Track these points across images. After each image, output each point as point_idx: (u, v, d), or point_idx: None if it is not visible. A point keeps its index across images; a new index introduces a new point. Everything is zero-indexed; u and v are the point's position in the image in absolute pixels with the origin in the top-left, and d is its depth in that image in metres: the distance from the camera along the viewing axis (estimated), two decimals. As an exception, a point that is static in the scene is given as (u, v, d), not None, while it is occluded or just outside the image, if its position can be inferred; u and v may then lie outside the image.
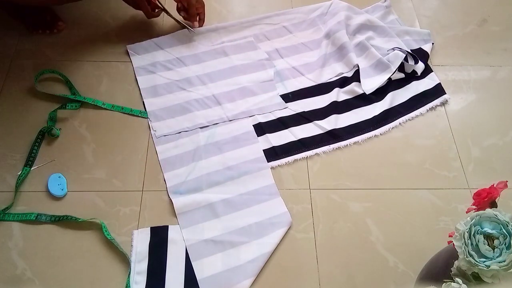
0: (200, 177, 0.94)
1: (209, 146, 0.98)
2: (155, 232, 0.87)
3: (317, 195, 0.93)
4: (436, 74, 1.11)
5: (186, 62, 1.10)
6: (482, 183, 0.82)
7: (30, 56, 1.09)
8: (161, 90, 1.06)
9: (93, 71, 1.08)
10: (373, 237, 0.89)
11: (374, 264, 0.86)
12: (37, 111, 1.00)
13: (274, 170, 0.96)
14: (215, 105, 1.04)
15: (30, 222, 0.88)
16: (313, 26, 1.20)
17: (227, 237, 0.87)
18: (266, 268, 0.85)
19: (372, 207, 0.92)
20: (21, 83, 1.04)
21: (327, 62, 1.12)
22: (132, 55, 1.11)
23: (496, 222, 0.57)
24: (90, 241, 0.86)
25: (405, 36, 1.17)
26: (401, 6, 1.26)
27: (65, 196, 0.91)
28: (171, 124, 1.01)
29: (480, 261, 0.55)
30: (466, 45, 1.18)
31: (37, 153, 0.95)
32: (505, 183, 0.63)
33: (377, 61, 1.10)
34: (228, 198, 0.91)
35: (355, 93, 1.07)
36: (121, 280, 0.83)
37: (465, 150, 1.01)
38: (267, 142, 0.99)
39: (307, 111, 1.04)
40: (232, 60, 1.12)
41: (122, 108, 1.02)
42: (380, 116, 1.04)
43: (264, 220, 0.89)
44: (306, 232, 0.89)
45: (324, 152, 0.99)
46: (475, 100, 1.09)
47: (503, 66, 1.15)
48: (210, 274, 0.83)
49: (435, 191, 0.95)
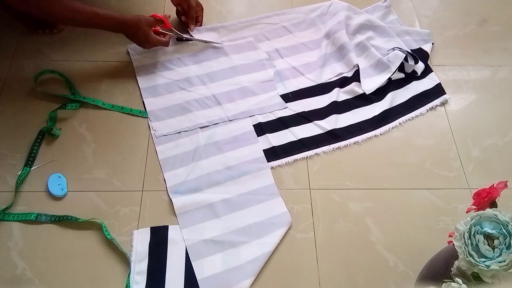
0: (200, 177, 0.94)
1: (209, 146, 0.98)
2: (155, 232, 0.87)
3: (317, 195, 0.93)
4: (436, 74, 1.11)
5: (186, 62, 1.10)
6: (482, 183, 0.82)
7: (30, 56, 1.09)
8: (161, 90, 1.06)
9: (93, 71, 1.08)
10: (373, 237, 0.89)
11: (374, 264, 0.86)
12: (37, 111, 1.00)
13: (274, 170, 0.96)
14: (215, 105, 1.04)
15: (30, 222, 0.88)
16: (313, 26, 1.20)
17: (227, 237, 0.87)
18: (266, 268, 0.85)
19: (372, 207, 0.92)
20: (21, 83, 1.04)
21: (327, 62, 1.12)
22: (132, 55, 1.11)
23: (496, 222, 0.57)
24: (90, 241, 0.86)
25: (405, 36, 1.17)
26: (401, 6, 1.26)
27: (65, 196, 0.91)
28: (171, 124, 1.01)
29: (480, 261, 0.55)
30: (466, 45, 1.18)
31: (37, 153, 0.95)
32: (505, 183, 0.63)
33: (377, 61, 1.10)
34: (228, 198, 0.91)
35: (355, 93, 1.07)
36: (121, 280, 0.83)
37: (465, 150, 1.01)
38: (267, 142, 0.99)
39: (307, 111, 1.04)
40: (232, 60, 1.12)
41: (122, 108, 1.02)
42: (380, 116, 1.04)
43: (264, 220, 0.89)
44: (306, 232, 0.89)
45: (324, 152, 0.99)
46: (475, 100, 1.09)
47: (503, 66, 1.15)
48: (210, 274, 0.83)
49: (435, 191, 0.95)
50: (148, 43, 1.05)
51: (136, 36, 1.03)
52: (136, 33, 1.02)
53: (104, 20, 0.98)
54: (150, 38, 1.04)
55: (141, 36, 1.03)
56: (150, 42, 1.05)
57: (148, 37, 1.03)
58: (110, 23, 0.99)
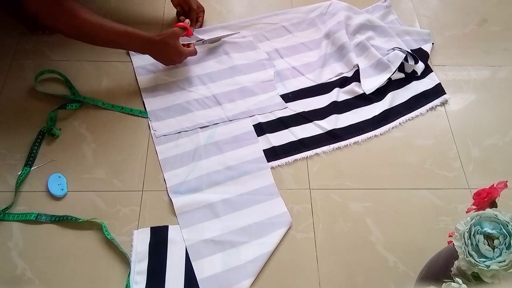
0: (200, 177, 0.94)
1: (209, 146, 0.98)
2: (155, 232, 0.87)
3: (317, 195, 0.93)
4: (436, 74, 1.11)
5: (186, 62, 1.10)
6: (482, 183, 0.82)
7: (30, 56, 1.09)
8: (161, 90, 1.06)
9: (93, 71, 1.08)
10: (373, 237, 0.89)
11: (374, 264, 0.86)
12: (37, 111, 1.00)
13: (274, 170, 0.96)
14: (215, 105, 1.04)
15: (30, 222, 0.88)
16: (313, 26, 1.20)
17: (227, 237, 0.87)
18: (266, 268, 0.85)
19: (372, 207, 0.92)
20: (21, 83, 1.04)
21: (327, 62, 1.12)
22: (132, 55, 1.11)
23: (496, 222, 0.57)
24: (90, 241, 0.86)
25: (405, 36, 1.17)
26: (401, 6, 1.26)
27: (65, 196, 0.91)
28: (171, 124, 1.01)
29: (480, 261, 0.55)
30: (466, 45, 1.18)
31: (37, 153, 0.95)
32: (505, 183, 0.63)
33: (377, 61, 1.10)
34: (228, 198, 0.91)
35: (355, 93, 1.07)
36: (121, 280, 0.83)
37: (465, 150, 1.01)
38: (267, 142, 0.99)
39: (307, 111, 1.04)
40: (232, 60, 1.12)
41: (122, 108, 1.02)
42: (380, 116, 1.04)
43: (264, 220, 0.89)
44: (306, 232, 0.89)
45: (324, 152, 0.99)
46: (475, 100, 1.09)
47: (503, 66, 1.15)
48: (210, 274, 0.83)
49: (435, 191, 0.95)
50: (180, 56, 1.02)
51: (166, 52, 1.00)
52: (167, 49, 0.99)
53: (132, 39, 0.95)
54: (181, 50, 1.01)
55: (172, 51, 1.00)
56: (182, 55, 1.02)
57: (178, 50, 1.00)
58: (137, 42, 0.96)
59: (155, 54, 1.01)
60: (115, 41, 0.96)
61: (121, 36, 0.95)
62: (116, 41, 0.96)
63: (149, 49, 0.99)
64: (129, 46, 1.00)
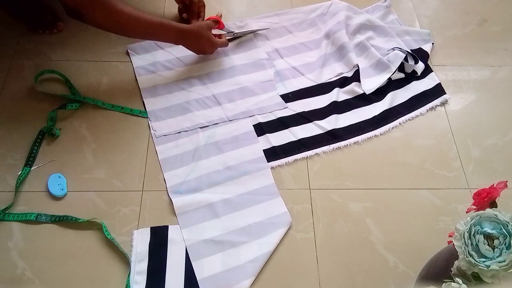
0: (200, 177, 0.94)
1: (209, 146, 0.98)
2: (155, 232, 0.87)
3: (317, 195, 0.93)
4: (436, 74, 1.11)
5: (186, 62, 1.10)
6: (482, 183, 0.82)
7: (30, 56, 1.09)
8: (161, 90, 1.06)
9: (93, 71, 1.08)
10: (373, 237, 0.89)
11: (374, 264, 0.86)
12: (37, 111, 1.00)
13: (274, 170, 0.96)
14: (215, 105, 1.04)
15: (30, 222, 0.88)
16: (313, 26, 1.20)
17: (227, 237, 0.87)
18: (266, 268, 0.85)
19: (372, 207, 0.92)
20: (21, 83, 1.04)
21: (327, 62, 1.12)
22: (132, 55, 1.11)
23: (496, 222, 0.57)
24: (90, 241, 0.86)
25: (405, 36, 1.17)
26: (401, 6, 1.26)
27: (65, 196, 0.91)
28: (171, 124, 1.01)
29: (480, 261, 0.55)
30: (466, 45, 1.18)
31: (37, 153, 0.95)
32: (505, 183, 0.64)
33: (377, 61, 1.10)
34: (228, 198, 0.91)
35: (355, 93, 1.07)
36: (121, 280, 0.83)
37: (465, 150, 1.01)
38: (267, 142, 0.99)
39: (307, 111, 1.04)
40: (232, 60, 1.12)
41: (122, 108, 1.02)
42: (380, 116, 1.04)
43: (264, 220, 0.89)
44: (306, 232, 0.89)
45: (324, 152, 0.99)
46: (475, 100, 1.09)
47: (503, 66, 1.15)
48: (210, 274, 0.83)
49: (435, 191, 0.95)
50: (212, 47, 1.07)
51: (200, 42, 1.04)
52: (200, 40, 1.03)
53: (168, 30, 0.98)
54: (213, 41, 1.05)
55: (205, 42, 1.04)
56: (215, 45, 1.06)
57: (211, 41, 1.05)
58: (173, 33, 0.99)
59: (188, 44, 1.04)
60: (151, 33, 0.99)
61: (156, 28, 0.97)
62: (152, 32, 0.98)
63: (184, 40, 1.02)
64: (164, 38, 1.02)
